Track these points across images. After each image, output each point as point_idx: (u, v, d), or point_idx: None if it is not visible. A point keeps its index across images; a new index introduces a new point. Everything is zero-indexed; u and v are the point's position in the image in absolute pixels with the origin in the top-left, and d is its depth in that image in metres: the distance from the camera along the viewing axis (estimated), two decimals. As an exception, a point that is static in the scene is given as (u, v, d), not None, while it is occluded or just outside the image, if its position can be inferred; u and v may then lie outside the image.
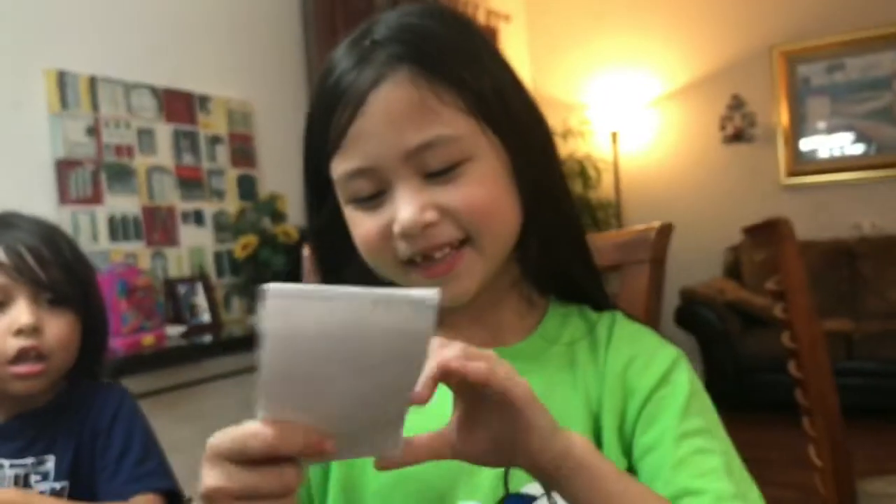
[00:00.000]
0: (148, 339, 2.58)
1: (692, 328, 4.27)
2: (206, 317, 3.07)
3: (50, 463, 1.08)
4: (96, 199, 2.80)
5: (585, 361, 0.72)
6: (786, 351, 1.35)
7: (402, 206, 0.64)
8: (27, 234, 1.08)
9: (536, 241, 0.71)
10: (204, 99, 3.26)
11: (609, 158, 5.04)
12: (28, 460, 1.08)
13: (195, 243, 3.19)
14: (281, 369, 0.47)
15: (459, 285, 0.67)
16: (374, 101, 0.64)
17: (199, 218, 3.22)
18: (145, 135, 3.01)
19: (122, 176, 2.90)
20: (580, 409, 0.69)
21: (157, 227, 3.02)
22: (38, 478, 1.07)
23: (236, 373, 2.88)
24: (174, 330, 2.83)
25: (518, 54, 5.15)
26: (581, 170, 4.83)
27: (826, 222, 4.55)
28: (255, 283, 3.33)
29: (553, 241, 0.72)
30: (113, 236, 2.85)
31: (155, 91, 3.06)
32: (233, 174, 3.39)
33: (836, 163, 4.73)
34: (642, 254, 0.86)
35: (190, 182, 3.19)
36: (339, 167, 0.67)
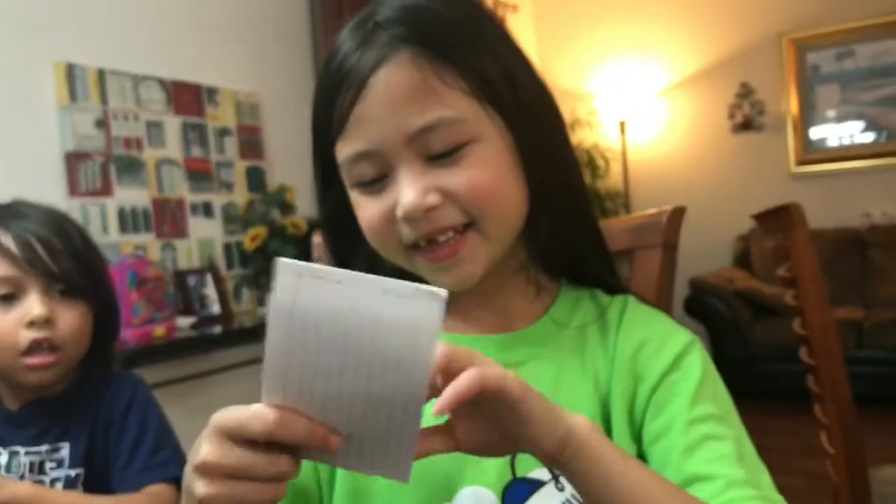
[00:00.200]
0: (159, 331, 2.59)
1: (702, 317, 4.26)
2: (215, 308, 3.08)
3: (65, 450, 1.09)
4: (106, 191, 2.81)
5: (595, 345, 0.71)
6: (796, 340, 1.34)
7: (405, 189, 0.64)
8: (37, 224, 1.08)
9: (545, 224, 0.70)
10: (212, 91, 3.27)
11: (617, 148, 5.02)
12: (43, 447, 1.09)
13: (205, 235, 3.20)
14: (281, 346, 0.47)
15: (464, 270, 0.67)
16: (375, 84, 0.63)
17: (208, 210, 3.22)
18: (154, 127, 3.02)
19: (131, 168, 2.91)
20: (589, 393, 0.69)
21: (166, 219, 3.03)
22: (53, 465, 1.08)
23: (246, 364, 2.89)
24: (184, 321, 2.84)
25: (525, 44, 5.07)
26: (589, 160, 4.82)
27: (836, 211, 4.53)
28: (265, 274, 3.34)
29: (563, 225, 0.71)
30: (123, 228, 2.86)
31: (163, 83, 3.06)
32: (241, 166, 3.39)
33: (845, 151, 4.70)
34: (654, 238, 0.85)
35: (199, 174, 3.19)
36: (343, 151, 0.67)
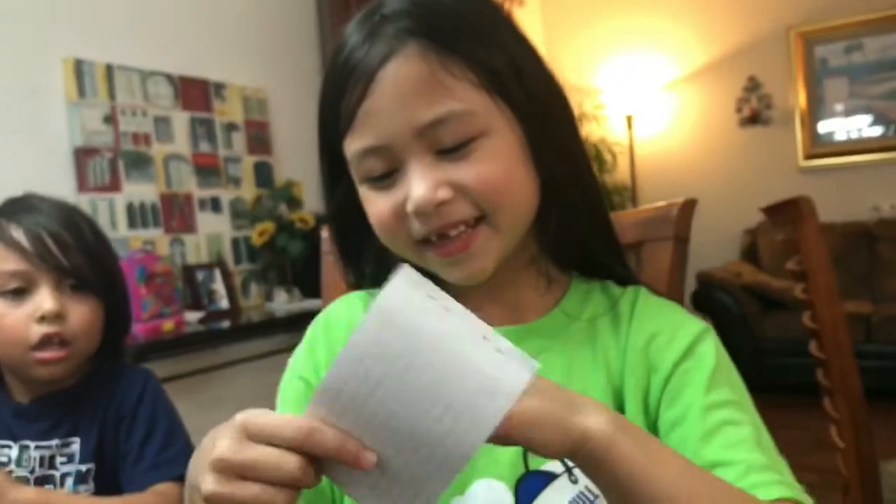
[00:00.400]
0: (167, 325, 2.60)
1: (709, 312, 4.24)
2: (223, 303, 3.09)
3: (75, 445, 1.09)
4: (114, 186, 2.82)
5: (607, 336, 0.71)
6: (803, 334, 1.34)
7: (415, 184, 0.63)
8: (48, 218, 1.07)
9: (556, 217, 0.70)
10: (219, 86, 3.27)
11: (624, 142, 5.01)
12: (53, 442, 1.09)
13: (213, 230, 3.21)
14: (359, 351, 0.44)
15: (475, 264, 0.66)
16: (383, 78, 0.62)
17: (216, 205, 3.23)
18: (162, 122, 3.02)
19: (139, 164, 2.92)
20: (602, 385, 0.69)
21: (174, 214, 3.04)
22: (64, 459, 1.08)
23: (254, 358, 2.90)
24: (193, 316, 2.85)
25: (531, 37, 5.11)
26: (596, 154, 4.80)
27: (844, 205, 4.50)
28: (272, 269, 3.35)
29: (573, 217, 0.70)
30: (131, 223, 2.87)
31: (171, 79, 3.07)
32: (249, 161, 3.40)
33: (854, 144, 4.68)
34: (665, 231, 0.85)
35: (207, 169, 3.20)
36: (352, 146, 0.66)
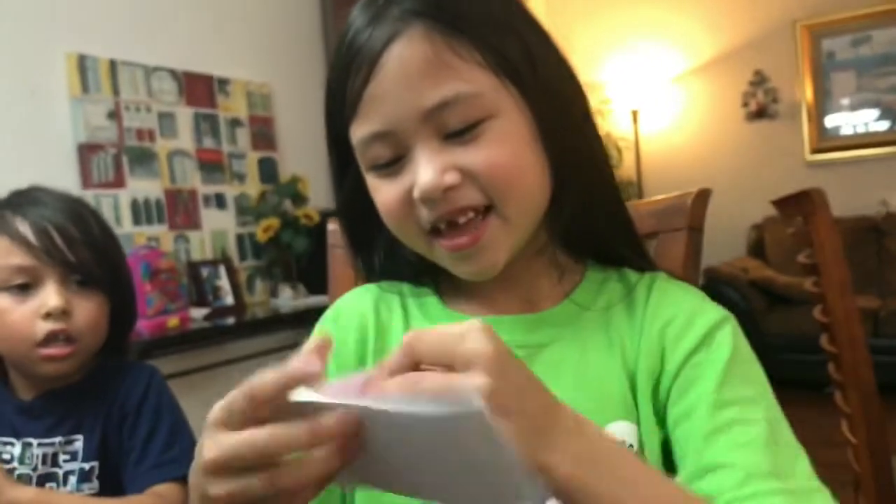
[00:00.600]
0: (172, 321, 2.59)
1: (715, 307, 4.22)
2: (228, 299, 3.08)
3: (78, 442, 1.07)
4: (118, 182, 2.81)
5: (622, 322, 0.69)
6: (810, 329, 1.32)
7: (422, 168, 0.61)
8: (54, 212, 1.06)
9: (568, 205, 0.68)
10: (223, 82, 3.26)
11: (630, 137, 4.99)
12: (56, 439, 1.07)
13: (217, 226, 3.20)
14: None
15: (486, 259, 0.65)
16: (387, 61, 0.61)
17: (220, 201, 3.22)
18: (166, 118, 3.02)
19: (143, 160, 2.91)
20: (617, 370, 0.67)
21: (179, 210, 3.04)
22: (67, 457, 1.06)
23: (259, 354, 2.90)
24: (198, 312, 2.85)
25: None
26: (601, 149, 4.79)
27: (852, 199, 4.48)
28: (277, 265, 3.35)
29: (586, 205, 0.69)
30: (136, 220, 2.86)
31: (175, 74, 3.06)
32: (253, 157, 3.39)
33: (861, 139, 4.65)
34: (679, 221, 0.83)
35: (211, 165, 3.19)
36: (357, 132, 0.64)
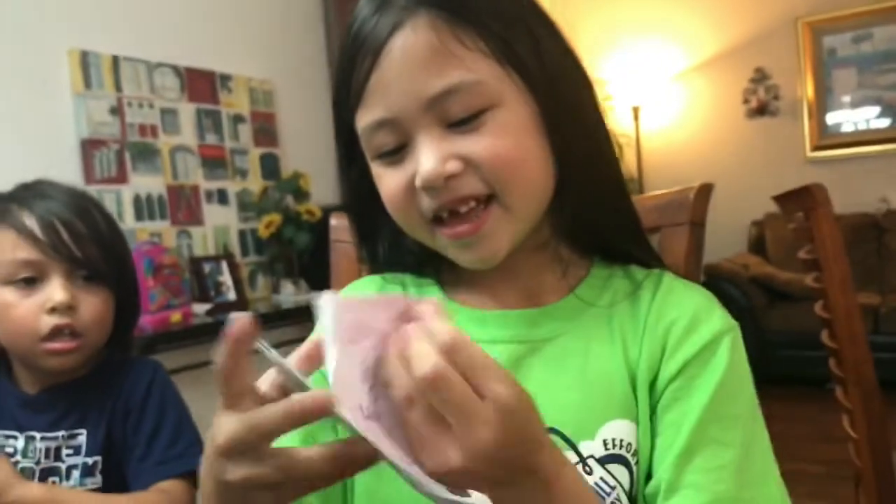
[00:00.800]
0: (175, 317, 2.60)
1: (716, 304, 4.23)
2: (231, 294, 3.09)
3: (82, 437, 1.07)
4: (121, 178, 2.82)
5: (625, 318, 0.69)
6: (810, 326, 1.33)
7: (424, 157, 0.62)
8: (61, 206, 1.06)
9: (572, 198, 0.68)
10: (226, 78, 3.27)
11: (631, 134, 4.99)
12: (59, 433, 1.07)
13: (219, 222, 3.21)
14: None
15: (487, 247, 0.65)
16: (392, 49, 0.61)
17: (222, 197, 3.23)
18: (168, 114, 3.02)
19: (146, 155, 2.91)
20: (619, 368, 0.67)
21: (181, 206, 3.04)
22: (70, 451, 1.06)
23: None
24: (200, 308, 2.86)
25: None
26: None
27: (852, 196, 4.48)
28: (279, 261, 3.35)
29: (591, 199, 0.69)
30: (138, 215, 2.87)
31: (177, 70, 3.06)
32: (256, 153, 3.40)
33: (862, 136, 4.66)
34: (681, 216, 0.83)
35: (213, 161, 3.20)
36: (362, 120, 0.65)
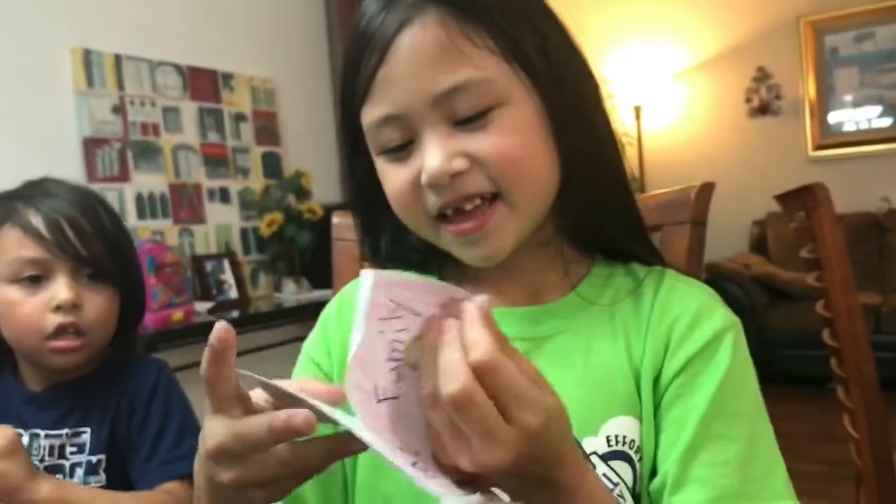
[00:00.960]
0: (177, 315, 2.60)
1: (717, 303, 4.23)
2: (232, 293, 3.09)
3: (86, 435, 1.07)
4: (123, 177, 2.82)
5: (628, 316, 0.70)
6: (811, 325, 1.33)
7: (430, 153, 0.61)
8: (67, 204, 1.06)
9: (576, 197, 0.68)
10: (228, 76, 3.27)
11: (632, 133, 4.99)
12: (63, 431, 1.07)
13: (221, 220, 3.21)
14: None
15: (492, 243, 0.65)
16: (400, 45, 0.61)
17: (224, 195, 3.23)
18: (170, 113, 3.02)
19: (148, 154, 2.92)
20: (622, 364, 0.67)
21: (183, 204, 3.04)
22: (74, 449, 1.06)
23: (262, 348, 2.91)
24: (202, 306, 2.86)
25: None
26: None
27: (854, 196, 4.47)
28: (281, 259, 3.36)
29: (594, 199, 0.69)
30: (140, 214, 2.87)
31: (179, 69, 3.06)
32: (257, 152, 3.40)
33: (864, 135, 4.66)
34: (682, 215, 0.84)
35: (215, 160, 3.20)
36: (368, 116, 0.65)
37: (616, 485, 0.64)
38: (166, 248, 2.70)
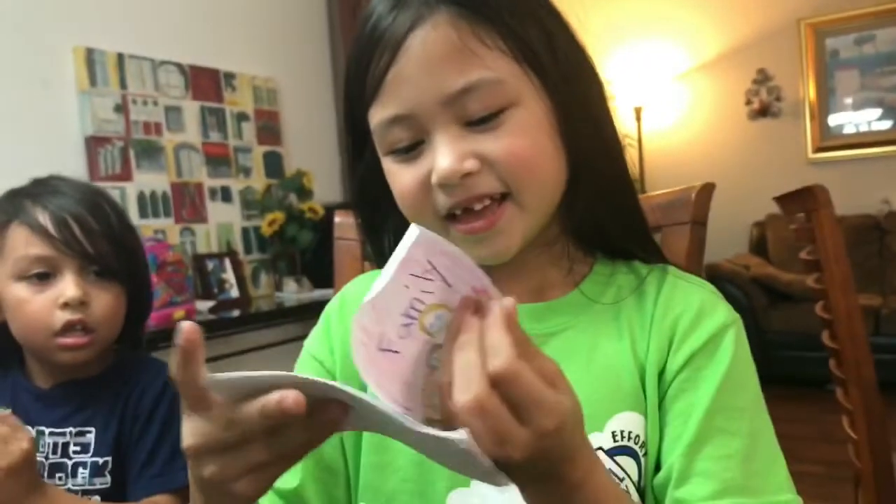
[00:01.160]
0: (178, 314, 2.60)
1: (717, 304, 4.23)
2: (234, 292, 3.10)
3: (91, 435, 1.07)
4: (125, 175, 2.83)
5: (631, 313, 0.70)
6: (811, 327, 1.33)
7: (441, 154, 0.61)
8: (74, 202, 1.06)
9: (583, 196, 0.68)
10: (230, 76, 3.27)
11: (633, 134, 4.99)
12: (68, 429, 1.07)
13: (223, 220, 3.22)
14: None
15: (500, 242, 0.65)
16: (411, 45, 0.61)
17: (226, 195, 3.24)
18: (173, 112, 3.03)
19: (150, 153, 2.92)
20: (627, 360, 0.68)
21: (185, 203, 3.05)
22: (77, 448, 1.07)
23: (263, 347, 2.91)
24: (203, 305, 2.86)
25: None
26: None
27: (854, 198, 4.48)
28: (282, 259, 3.36)
29: (599, 198, 0.69)
30: (142, 213, 2.88)
31: (182, 68, 3.07)
32: (259, 151, 3.41)
33: (864, 137, 4.66)
34: (683, 215, 0.84)
35: (217, 159, 3.21)
36: (377, 115, 0.64)
37: (622, 480, 0.65)
38: (168, 247, 2.71)
